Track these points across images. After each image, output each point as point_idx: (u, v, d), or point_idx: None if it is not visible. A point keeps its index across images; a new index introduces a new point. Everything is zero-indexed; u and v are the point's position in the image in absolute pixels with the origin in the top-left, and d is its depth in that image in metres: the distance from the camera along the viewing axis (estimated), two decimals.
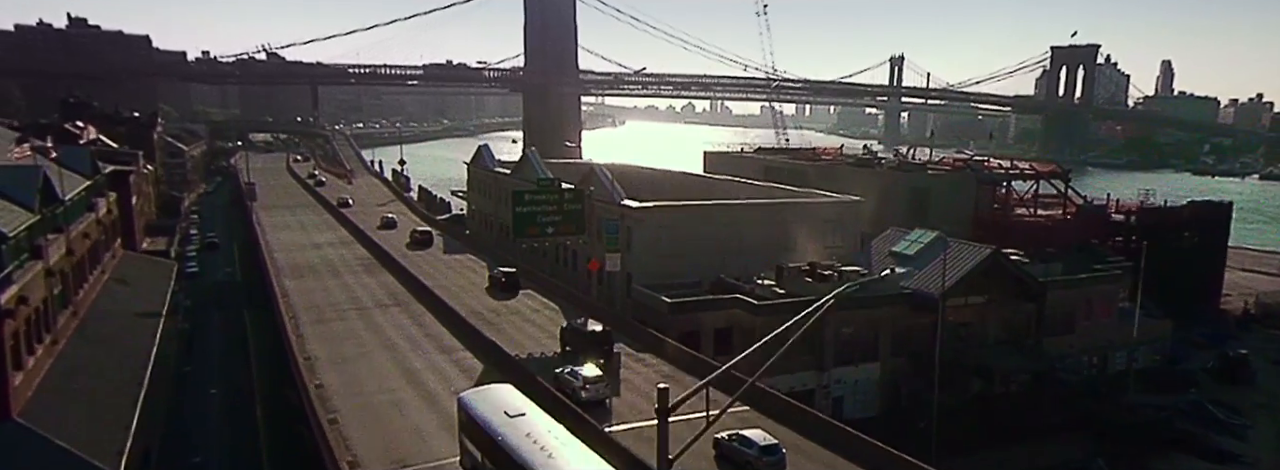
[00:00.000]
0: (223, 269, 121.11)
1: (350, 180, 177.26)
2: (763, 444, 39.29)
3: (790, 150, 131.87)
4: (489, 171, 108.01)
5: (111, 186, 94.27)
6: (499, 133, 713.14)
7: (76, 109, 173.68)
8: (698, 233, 72.86)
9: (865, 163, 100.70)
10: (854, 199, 79.38)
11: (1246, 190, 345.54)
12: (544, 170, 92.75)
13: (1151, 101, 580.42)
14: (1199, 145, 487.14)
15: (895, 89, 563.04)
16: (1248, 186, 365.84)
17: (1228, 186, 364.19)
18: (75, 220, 70.06)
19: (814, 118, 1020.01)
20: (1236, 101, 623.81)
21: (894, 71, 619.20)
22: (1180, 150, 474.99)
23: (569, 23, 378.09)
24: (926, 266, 65.23)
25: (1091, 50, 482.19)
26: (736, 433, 40.65)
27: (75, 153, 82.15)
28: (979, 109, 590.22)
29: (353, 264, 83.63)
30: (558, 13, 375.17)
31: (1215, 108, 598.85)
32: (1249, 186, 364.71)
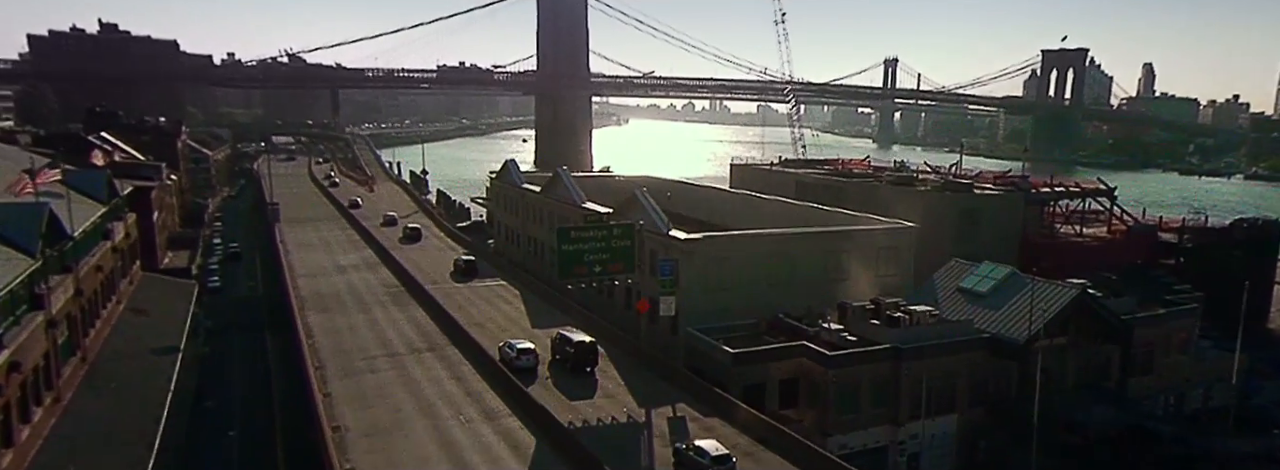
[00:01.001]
0: (245, 283, 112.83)
1: (372, 187, 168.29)
2: (715, 454, 40.49)
3: (817, 162, 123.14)
4: (516, 188, 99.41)
5: (132, 206, 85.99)
6: (510, 131, 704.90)
7: (101, 118, 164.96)
8: (749, 264, 64.44)
9: (906, 181, 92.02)
10: (907, 225, 70.77)
11: (1237, 190, 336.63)
12: (577, 190, 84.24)
13: (1134, 102, 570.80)
14: (1183, 145, 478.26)
15: (890, 91, 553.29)
16: (1237, 186, 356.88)
17: (1219, 187, 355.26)
18: (87, 253, 61.72)
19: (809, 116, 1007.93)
20: (1214, 102, 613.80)
21: (888, 73, 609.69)
22: (1166, 150, 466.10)
23: (580, 27, 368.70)
24: (1005, 306, 56.69)
25: (1081, 54, 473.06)
26: (694, 443, 41.88)
27: (90, 177, 73.56)
28: (969, 109, 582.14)
29: (380, 293, 74.83)
30: (569, 18, 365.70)
31: (1195, 108, 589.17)
32: (1238, 187, 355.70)
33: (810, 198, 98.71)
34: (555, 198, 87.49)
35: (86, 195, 70.88)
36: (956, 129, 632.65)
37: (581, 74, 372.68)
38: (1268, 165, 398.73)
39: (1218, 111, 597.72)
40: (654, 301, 58.13)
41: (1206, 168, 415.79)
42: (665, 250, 63.95)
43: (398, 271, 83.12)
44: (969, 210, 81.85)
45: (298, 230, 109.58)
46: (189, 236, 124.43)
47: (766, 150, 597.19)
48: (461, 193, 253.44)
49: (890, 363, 51.99)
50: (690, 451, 41.32)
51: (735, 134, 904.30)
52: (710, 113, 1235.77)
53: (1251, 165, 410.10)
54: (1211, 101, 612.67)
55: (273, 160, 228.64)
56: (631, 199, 70.84)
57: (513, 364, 53.05)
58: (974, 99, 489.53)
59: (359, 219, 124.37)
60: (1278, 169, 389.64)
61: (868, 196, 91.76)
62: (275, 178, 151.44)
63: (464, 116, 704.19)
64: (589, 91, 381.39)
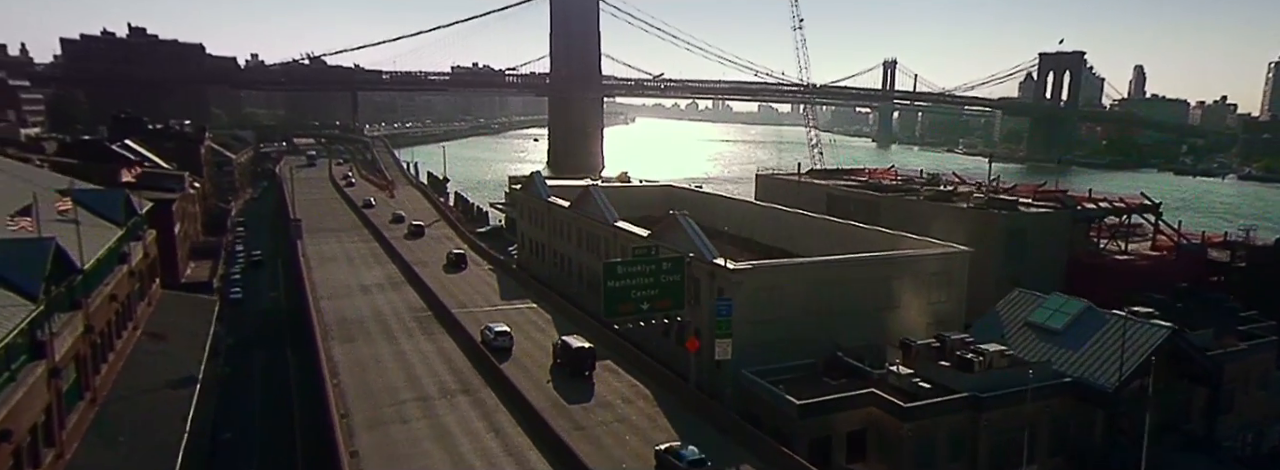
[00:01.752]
0: (267, 293, 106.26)
1: (392, 193, 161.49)
2: (691, 458, 41.20)
3: (843, 172, 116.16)
4: (543, 201, 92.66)
5: (152, 222, 79.60)
6: (521, 131, 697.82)
7: (126, 124, 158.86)
8: (799, 294, 57.73)
9: (943, 196, 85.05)
10: (960, 250, 63.94)
11: (1234, 191, 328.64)
12: (609, 208, 77.41)
13: (1126, 104, 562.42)
14: (1176, 145, 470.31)
15: (890, 93, 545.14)
16: (1232, 187, 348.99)
17: (1215, 187, 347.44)
18: (100, 283, 55.30)
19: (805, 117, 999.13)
20: (1203, 103, 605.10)
21: (887, 75, 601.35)
22: (1159, 150, 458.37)
23: (593, 32, 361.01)
24: (1085, 346, 50.03)
25: (1077, 56, 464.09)
26: (672, 446, 42.83)
27: (106, 197, 66.90)
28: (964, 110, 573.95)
29: (407, 319, 68.12)
30: (582, 22, 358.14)
31: (1185, 109, 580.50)
32: (1233, 187, 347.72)
33: (841, 212, 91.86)
34: (586, 215, 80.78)
35: (102, 217, 64.49)
36: (953, 129, 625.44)
37: (593, 77, 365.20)
38: (1260, 165, 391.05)
39: (1206, 112, 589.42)
40: (702, 337, 51.61)
41: (1200, 168, 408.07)
42: (708, 278, 57.49)
43: (423, 291, 76.50)
44: (1016, 230, 74.97)
45: (320, 241, 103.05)
46: (211, 246, 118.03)
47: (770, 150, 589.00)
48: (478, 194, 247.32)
49: (968, 413, 45.41)
50: (670, 454, 42.28)
51: (737, 132, 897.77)
52: (713, 111, 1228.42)
53: (1243, 165, 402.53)
54: (1200, 103, 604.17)
55: (294, 164, 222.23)
56: (671, 222, 64.09)
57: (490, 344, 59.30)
58: (973, 101, 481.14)
59: (371, 217, 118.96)
60: (1270, 169, 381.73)
61: (904, 212, 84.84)
62: (297, 184, 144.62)
63: (476, 116, 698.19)
64: (601, 94, 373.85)
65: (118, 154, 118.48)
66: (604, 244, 77.08)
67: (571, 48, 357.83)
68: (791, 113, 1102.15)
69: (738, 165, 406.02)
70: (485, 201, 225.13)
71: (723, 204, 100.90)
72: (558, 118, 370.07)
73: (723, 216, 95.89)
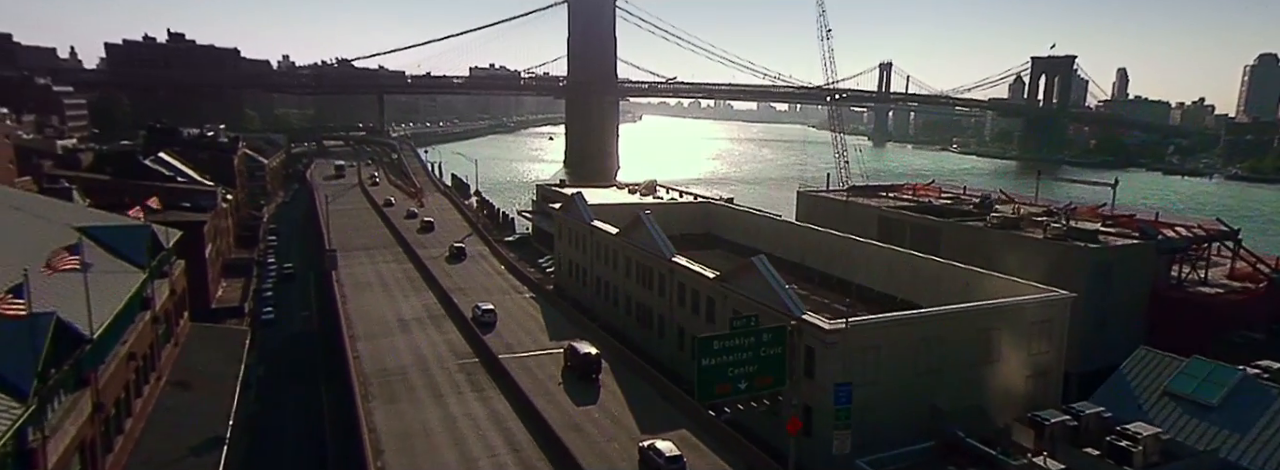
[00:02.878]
0: (300, 312, 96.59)
1: (422, 200, 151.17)
2: (668, 455, 42.88)
3: (882, 189, 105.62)
4: (586, 225, 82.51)
5: (181, 251, 69.67)
6: (536, 128, 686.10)
7: (162, 134, 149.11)
8: (897, 353, 47.82)
9: (1011, 223, 74.71)
10: (1062, 295, 53.82)
11: (1225, 191, 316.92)
12: (664, 240, 67.35)
13: (1111, 105, 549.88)
14: (1162, 146, 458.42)
15: (886, 94, 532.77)
16: (1222, 187, 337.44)
17: (1206, 187, 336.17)
18: (116, 345, 45.55)
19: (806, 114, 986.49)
20: (1183, 104, 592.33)
21: (883, 76, 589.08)
22: (1145, 150, 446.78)
23: (609, 37, 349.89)
24: (1253, 429, 39.96)
25: (1068, 60, 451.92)
26: (652, 443, 44.13)
27: (128, 235, 56.70)
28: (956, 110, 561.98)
29: (452, 368, 57.55)
30: (599, 27, 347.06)
31: (1167, 111, 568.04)
32: (1223, 187, 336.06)
33: (896, 237, 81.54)
34: (638, 245, 70.72)
35: (122, 257, 54.60)
36: (945, 128, 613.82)
37: (610, 80, 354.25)
38: (1245, 166, 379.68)
39: (1185, 113, 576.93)
40: (801, 412, 41.72)
41: (1187, 168, 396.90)
42: (793, 333, 47.63)
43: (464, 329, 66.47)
44: (1103, 265, 64.91)
45: (353, 262, 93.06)
46: (243, 262, 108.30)
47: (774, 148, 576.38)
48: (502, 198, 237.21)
49: None
50: (650, 451, 43.81)
51: (739, 130, 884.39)
52: (715, 109, 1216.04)
53: (1228, 165, 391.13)
54: (1180, 104, 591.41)
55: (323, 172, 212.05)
56: (747, 266, 54.05)
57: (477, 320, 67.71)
58: (968, 102, 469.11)
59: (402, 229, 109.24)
60: (1255, 170, 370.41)
61: (968, 241, 74.54)
62: (326, 189, 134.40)
63: (494, 115, 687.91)
64: (617, 97, 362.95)
65: (150, 169, 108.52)
66: (659, 279, 67.14)
67: (588, 52, 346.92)
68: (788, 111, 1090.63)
69: (748, 165, 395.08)
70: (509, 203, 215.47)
71: (764, 224, 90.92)
72: (575, 119, 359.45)
73: (767, 237, 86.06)
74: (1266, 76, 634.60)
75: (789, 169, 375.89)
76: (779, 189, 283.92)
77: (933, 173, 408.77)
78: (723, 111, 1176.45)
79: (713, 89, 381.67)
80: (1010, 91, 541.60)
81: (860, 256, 72.01)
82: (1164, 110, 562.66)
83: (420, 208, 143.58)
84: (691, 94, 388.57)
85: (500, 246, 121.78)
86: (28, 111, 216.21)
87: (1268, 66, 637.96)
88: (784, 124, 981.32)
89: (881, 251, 69.93)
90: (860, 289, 68.67)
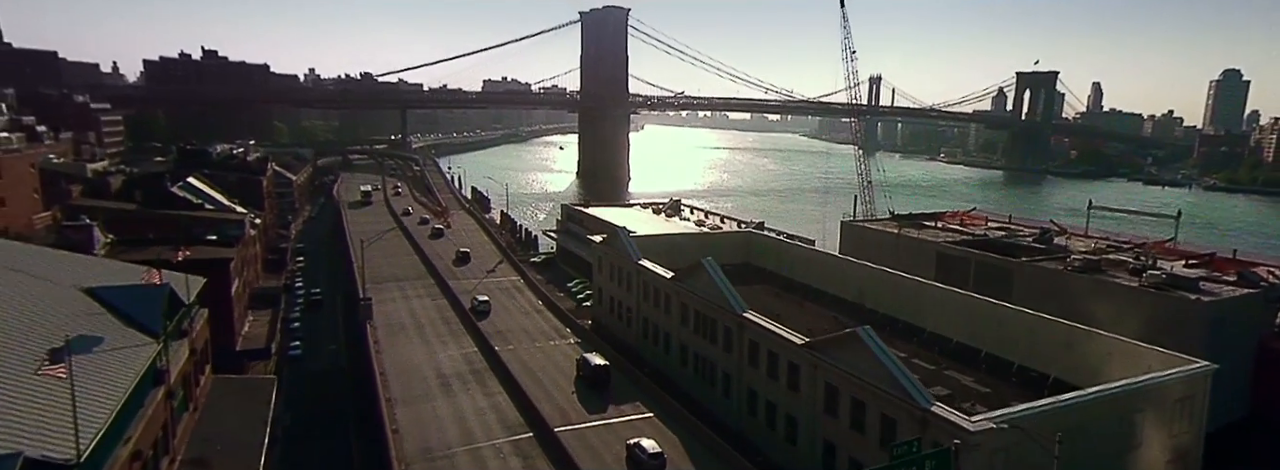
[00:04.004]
0: (328, 345, 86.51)
1: (448, 220, 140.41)
2: (650, 452, 45.20)
3: (926, 217, 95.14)
4: (633, 262, 71.99)
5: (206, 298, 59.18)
6: (546, 138, 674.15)
7: (192, 156, 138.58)
8: (1038, 449, 37.52)
9: (1093, 265, 64.33)
10: (1204, 367, 43.59)
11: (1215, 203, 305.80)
12: (732, 291, 56.94)
13: (1087, 117, 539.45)
14: (1141, 157, 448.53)
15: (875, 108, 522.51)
16: (1208, 198, 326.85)
17: (1191, 198, 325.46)
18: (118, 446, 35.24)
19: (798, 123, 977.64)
20: (1154, 117, 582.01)
21: (872, 90, 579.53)
22: (1125, 161, 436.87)
23: (621, 54, 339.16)
24: None
25: (1051, 76, 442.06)
26: (638, 441, 46.36)
27: (142, 298, 46.17)
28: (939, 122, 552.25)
29: (506, 452, 46.72)
30: (611, 45, 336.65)
31: (1140, 122, 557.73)
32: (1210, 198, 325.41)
33: (957, 276, 71.20)
34: (698, 292, 60.30)
35: (134, 324, 44.18)
36: (930, 138, 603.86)
37: (621, 95, 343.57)
38: (1221, 177, 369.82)
39: (1157, 125, 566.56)
40: None
41: (1166, 178, 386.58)
42: (913, 424, 37.47)
43: (513, 391, 55.91)
44: (1215, 321, 54.69)
45: (385, 297, 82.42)
46: (271, 292, 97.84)
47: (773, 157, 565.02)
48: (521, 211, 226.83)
49: None
50: (635, 448, 45.90)
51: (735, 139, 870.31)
52: (711, 119, 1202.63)
53: (1204, 176, 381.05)
54: (1151, 116, 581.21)
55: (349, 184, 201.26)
56: (849, 338, 43.59)
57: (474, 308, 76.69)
58: (957, 116, 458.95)
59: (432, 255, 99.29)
60: (1232, 181, 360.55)
61: (1046, 285, 64.29)
62: (360, 232, 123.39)
63: (507, 125, 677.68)
64: (628, 111, 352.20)
65: (177, 197, 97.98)
66: (724, 332, 56.74)
67: (601, 68, 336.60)
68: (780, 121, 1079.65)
69: (751, 175, 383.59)
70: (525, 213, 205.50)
71: (812, 258, 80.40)
72: (588, 132, 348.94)
73: (816, 272, 75.53)
74: (1230, 90, 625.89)
75: (792, 179, 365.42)
76: (786, 201, 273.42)
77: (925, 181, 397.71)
78: (718, 121, 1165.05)
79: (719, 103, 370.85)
80: (992, 104, 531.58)
81: (931, 300, 61.57)
82: (1137, 122, 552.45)
83: (448, 227, 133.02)
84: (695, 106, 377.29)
85: (528, 268, 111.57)
86: (66, 129, 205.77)
87: (1231, 81, 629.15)
88: (776, 133, 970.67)
89: (957, 297, 59.44)
90: (933, 338, 58.45)
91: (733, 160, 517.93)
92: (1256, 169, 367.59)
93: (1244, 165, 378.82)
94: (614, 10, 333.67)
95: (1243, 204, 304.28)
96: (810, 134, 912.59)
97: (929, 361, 53.95)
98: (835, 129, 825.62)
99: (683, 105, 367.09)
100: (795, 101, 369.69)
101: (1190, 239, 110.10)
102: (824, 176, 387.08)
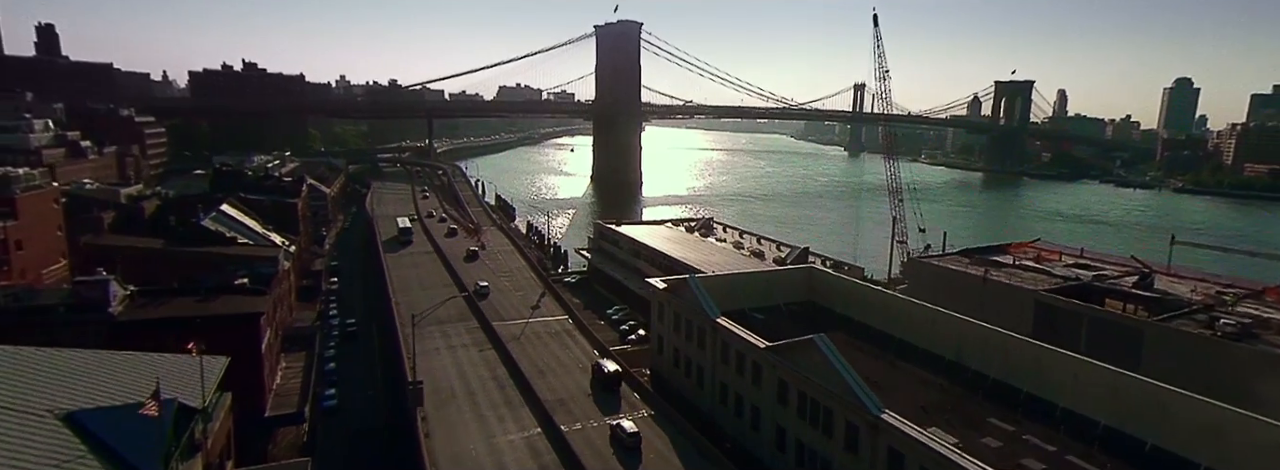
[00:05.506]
0: (365, 391, 72.41)
1: (482, 240, 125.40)
2: (629, 431, 49.41)
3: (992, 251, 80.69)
4: (710, 320, 57.42)
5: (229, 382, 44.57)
6: (556, 140, 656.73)
7: (228, 177, 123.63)
8: None
9: (1247, 329, 50.02)
10: None
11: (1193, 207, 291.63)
12: (846, 367, 42.52)
13: (1054, 122, 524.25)
14: (1110, 159, 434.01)
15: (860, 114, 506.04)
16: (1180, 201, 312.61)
17: (1165, 201, 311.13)
18: None
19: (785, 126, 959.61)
20: (1114, 121, 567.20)
21: (857, 96, 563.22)
22: (1095, 164, 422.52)
23: (634, 66, 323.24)
24: None
25: (1028, 84, 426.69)
26: (619, 422, 50.67)
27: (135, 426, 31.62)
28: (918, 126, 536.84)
29: None
30: (624, 57, 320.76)
31: (1103, 127, 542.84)
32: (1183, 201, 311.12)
33: (1064, 333, 56.88)
34: (806, 374, 45.83)
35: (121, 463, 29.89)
36: (911, 141, 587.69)
37: (634, 104, 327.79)
38: (1187, 179, 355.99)
39: (1117, 129, 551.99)
40: None
41: (1136, 181, 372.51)
42: None
43: None
44: None
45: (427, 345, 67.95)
46: (304, 332, 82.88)
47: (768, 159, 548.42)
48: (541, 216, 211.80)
49: None
50: (616, 429, 49.79)
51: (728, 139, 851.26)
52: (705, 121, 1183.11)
53: (1170, 178, 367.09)
54: (1111, 120, 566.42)
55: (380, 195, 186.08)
56: None
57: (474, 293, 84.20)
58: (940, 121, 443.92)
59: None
60: (1198, 183, 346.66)
61: (1190, 353, 49.95)
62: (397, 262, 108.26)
63: (521, 128, 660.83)
64: (640, 119, 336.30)
65: (208, 232, 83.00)
66: (846, 429, 42.40)
67: (616, 79, 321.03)
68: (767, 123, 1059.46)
69: (753, 178, 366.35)
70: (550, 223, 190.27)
71: (886, 302, 65.61)
72: (601, 138, 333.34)
73: (897, 321, 60.58)
74: (1182, 97, 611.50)
75: (793, 182, 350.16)
76: (796, 207, 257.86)
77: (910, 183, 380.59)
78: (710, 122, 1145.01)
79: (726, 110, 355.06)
80: (968, 110, 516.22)
81: (1062, 371, 46.98)
82: (1100, 127, 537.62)
83: (482, 249, 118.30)
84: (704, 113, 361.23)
85: (563, 290, 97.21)
86: (111, 142, 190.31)
87: (1183, 88, 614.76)
88: (764, 134, 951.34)
89: (1104, 373, 44.80)
90: (1068, 415, 44.14)
91: (731, 162, 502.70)
92: (1219, 172, 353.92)
93: (1206, 168, 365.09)
94: (628, 24, 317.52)
95: (1225, 209, 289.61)
96: (797, 135, 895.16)
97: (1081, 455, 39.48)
98: (820, 131, 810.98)
99: (693, 112, 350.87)
100: (797, 109, 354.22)
101: None
102: (825, 180, 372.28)
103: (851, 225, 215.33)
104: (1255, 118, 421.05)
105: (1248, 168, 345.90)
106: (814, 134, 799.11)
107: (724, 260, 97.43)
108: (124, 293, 60.35)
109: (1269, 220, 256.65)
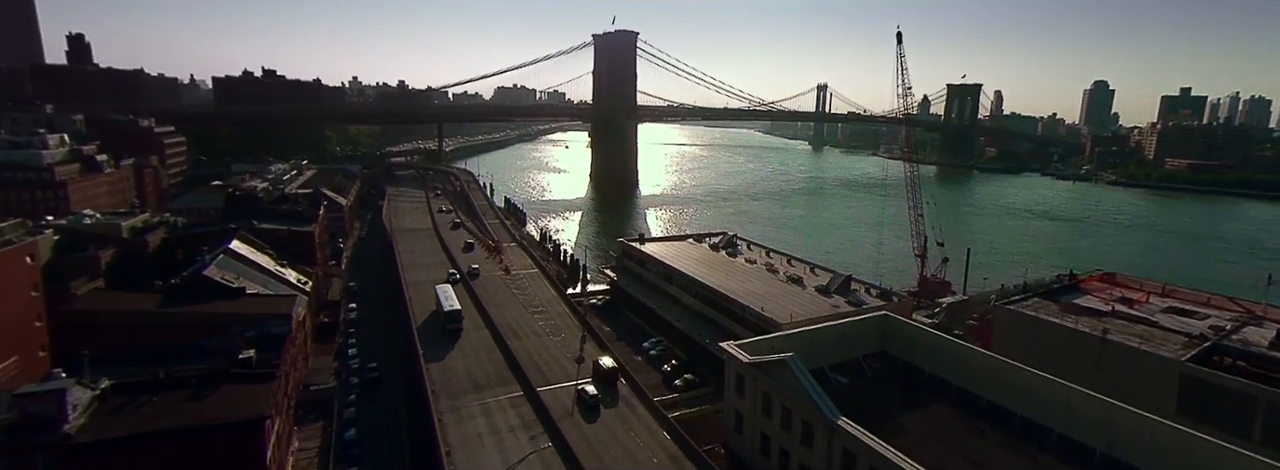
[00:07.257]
0: (391, 460, 55.26)
1: (504, 261, 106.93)
2: (591, 393, 51.19)
3: (1068, 288, 64.78)
4: (824, 418, 40.65)
5: None
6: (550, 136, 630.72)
7: (243, 203, 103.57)
8: None
9: None
10: None
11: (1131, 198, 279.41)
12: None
13: (993, 120, 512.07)
14: (1048, 155, 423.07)
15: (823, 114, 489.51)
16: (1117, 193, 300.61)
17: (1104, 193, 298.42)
18: None
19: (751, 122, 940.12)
20: (1043, 119, 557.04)
21: (820, 96, 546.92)
22: (1036, 158, 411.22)
23: (631, 72, 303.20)
24: None
25: (976, 87, 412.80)
26: (583, 387, 52.22)
27: None
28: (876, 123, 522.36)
29: None
30: (621, 64, 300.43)
31: (1036, 124, 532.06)
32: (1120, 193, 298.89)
33: (1226, 414, 41.23)
34: None
35: None
36: (869, 136, 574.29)
37: (631, 108, 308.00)
38: (1118, 172, 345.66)
39: (1045, 126, 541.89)
40: None
41: (1075, 174, 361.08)
42: None
43: None
44: None
45: (468, 434, 50.06)
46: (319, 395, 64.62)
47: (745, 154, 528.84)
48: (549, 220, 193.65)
49: None
50: (581, 392, 51.90)
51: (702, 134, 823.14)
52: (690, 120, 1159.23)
53: (1102, 172, 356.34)
54: (1042, 118, 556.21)
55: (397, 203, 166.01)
56: None
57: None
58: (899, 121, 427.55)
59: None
60: (1128, 176, 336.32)
61: None
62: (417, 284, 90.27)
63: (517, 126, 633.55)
64: (636, 121, 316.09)
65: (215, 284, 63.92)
66: None
67: (613, 84, 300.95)
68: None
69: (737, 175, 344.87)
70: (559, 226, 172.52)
71: (965, 356, 49.67)
72: (599, 140, 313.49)
73: (996, 385, 44.45)
74: (1100, 97, 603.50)
75: (776, 179, 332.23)
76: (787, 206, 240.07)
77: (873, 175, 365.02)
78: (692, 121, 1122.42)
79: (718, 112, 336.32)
80: (919, 109, 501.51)
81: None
82: (1033, 124, 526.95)
83: (506, 273, 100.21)
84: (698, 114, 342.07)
85: (590, 315, 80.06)
86: (129, 154, 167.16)
87: (1101, 90, 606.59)
88: (734, 129, 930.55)
89: None
90: None
91: (712, 158, 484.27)
92: (1145, 166, 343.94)
93: (1132, 163, 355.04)
94: (625, 34, 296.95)
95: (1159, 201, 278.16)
96: (765, 130, 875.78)
97: None
98: (784, 127, 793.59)
99: (686, 114, 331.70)
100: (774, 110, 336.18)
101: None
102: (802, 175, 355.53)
103: (849, 227, 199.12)
104: (1172, 117, 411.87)
105: (1169, 162, 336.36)
106: (779, 130, 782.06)
107: (765, 290, 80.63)
108: (94, 392, 41.93)
109: (1206, 213, 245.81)
